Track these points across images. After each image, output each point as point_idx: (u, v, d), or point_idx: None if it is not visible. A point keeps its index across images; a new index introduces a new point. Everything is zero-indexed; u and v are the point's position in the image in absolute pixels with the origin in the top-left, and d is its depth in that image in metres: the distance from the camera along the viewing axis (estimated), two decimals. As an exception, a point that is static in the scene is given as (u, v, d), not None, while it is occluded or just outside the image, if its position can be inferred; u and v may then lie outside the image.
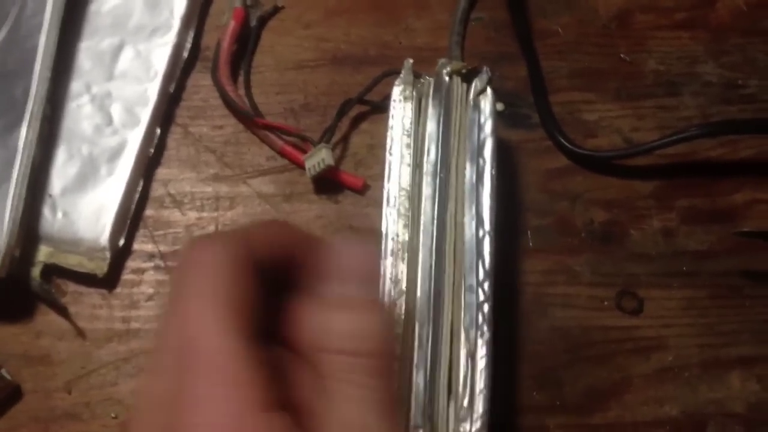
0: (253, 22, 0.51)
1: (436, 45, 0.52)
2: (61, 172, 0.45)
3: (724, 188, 0.49)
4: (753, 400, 0.44)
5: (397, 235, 0.39)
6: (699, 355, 0.45)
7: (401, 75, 0.43)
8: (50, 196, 0.45)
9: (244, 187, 0.48)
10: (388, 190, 0.41)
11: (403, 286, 0.38)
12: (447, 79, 0.43)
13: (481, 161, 0.41)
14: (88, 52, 0.48)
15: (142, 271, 0.46)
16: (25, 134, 0.43)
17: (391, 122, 0.42)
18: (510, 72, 0.51)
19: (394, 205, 0.40)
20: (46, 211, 0.44)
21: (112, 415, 0.43)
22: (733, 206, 0.49)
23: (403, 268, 0.39)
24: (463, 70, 0.43)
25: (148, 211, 0.47)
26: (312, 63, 0.51)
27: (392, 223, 0.40)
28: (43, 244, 0.44)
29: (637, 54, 0.52)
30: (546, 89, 0.51)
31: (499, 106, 0.50)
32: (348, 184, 0.48)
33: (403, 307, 0.38)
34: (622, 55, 0.52)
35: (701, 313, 0.46)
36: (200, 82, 0.50)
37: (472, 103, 0.42)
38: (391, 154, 0.41)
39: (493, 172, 0.41)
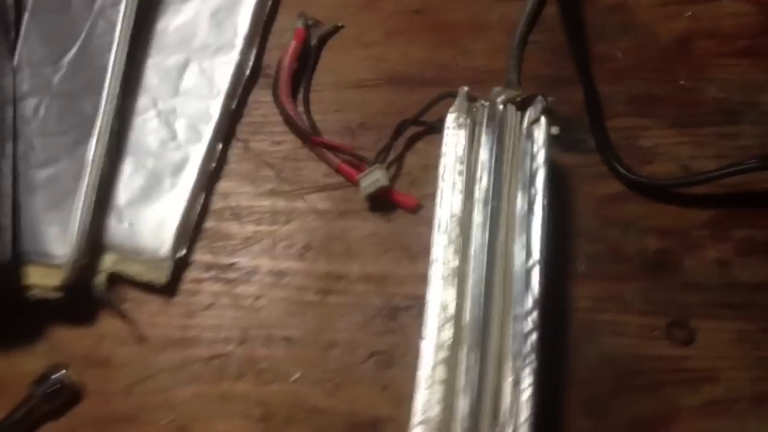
0: (314, 41, 0.52)
1: (494, 67, 0.53)
2: (127, 184, 0.47)
3: (782, 220, 0.49)
4: (804, 438, 0.44)
5: (447, 261, 0.40)
6: (750, 389, 0.45)
7: (456, 102, 0.43)
8: (116, 206, 0.46)
9: (301, 203, 0.49)
10: (440, 216, 0.41)
11: (452, 311, 0.39)
12: (501, 107, 0.43)
13: (532, 191, 0.41)
14: (155, 69, 0.49)
15: (200, 281, 0.47)
16: (94, 148, 0.45)
17: (444, 149, 0.43)
18: (567, 96, 0.51)
19: (445, 231, 0.41)
20: (112, 222, 0.46)
21: (168, 419, 0.45)
22: (790, 239, 0.48)
23: (452, 293, 0.39)
24: (518, 99, 0.44)
25: (208, 223, 0.49)
26: (370, 82, 0.52)
27: (442, 249, 0.40)
28: (108, 252, 0.46)
29: (696, 81, 0.52)
30: (602, 114, 0.51)
31: (554, 130, 0.50)
32: (401, 204, 0.49)
33: (451, 332, 0.39)
34: (681, 82, 0.52)
35: (754, 346, 0.46)
36: (261, 98, 0.51)
37: (525, 131, 0.43)
38: (443, 180, 0.42)
39: (545, 203, 0.41)
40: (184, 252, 0.47)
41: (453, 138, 0.43)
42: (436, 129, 0.49)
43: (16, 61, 0.47)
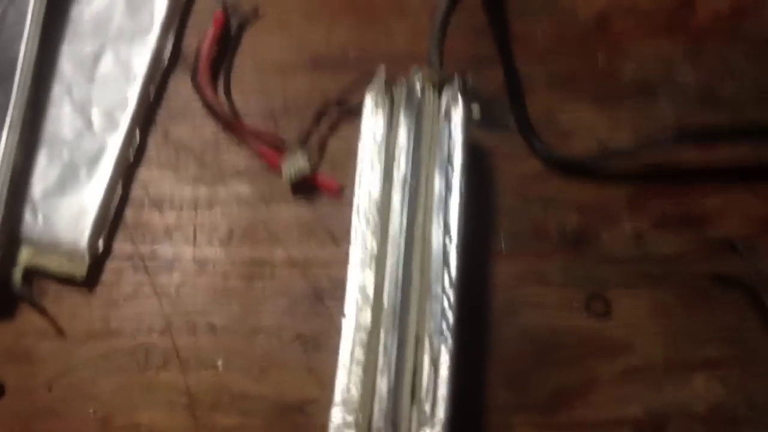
0: (234, 26, 0.52)
1: (416, 49, 0.53)
2: (42, 176, 0.46)
3: (696, 193, 0.50)
4: (715, 401, 0.45)
5: (366, 244, 0.40)
6: (664, 357, 0.46)
7: (374, 83, 0.44)
8: (31, 199, 0.46)
9: (223, 189, 0.49)
10: (359, 199, 0.41)
11: (370, 294, 0.39)
12: (419, 88, 0.44)
13: (450, 172, 0.42)
14: (69, 57, 0.48)
15: (121, 271, 0.47)
16: (5, 140, 0.44)
17: (362, 131, 0.43)
18: (488, 76, 0.52)
19: (364, 215, 0.41)
20: (28, 215, 0.46)
21: (91, 411, 0.45)
22: (704, 211, 0.49)
23: (370, 276, 0.40)
24: (436, 80, 0.44)
25: (128, 213, 0.48)
26: (291, 66, 0.52)
27: (361, 233, 0.41)
28: (25, 246, 0.45)
29: (614, 58, 0.53)
30: (522, 93, 0.52)
31: (476, 110, 0.51)
32: (324, 187, 0.49)
33: (370, 315, 0.39)
34: (599, 60, 0.53)
35: (668, 316, 0.47)
36: (181, 84, 0.51)
37: (443, 112, 0.43)
38: (362, 162, 0.42)
39: (462, 183, 0.42)
40: (102, 243, 0.46)
41: (371, 119, 0.43)
42: (358, 112, 0.49)
43: (-77, 52, 0.46)
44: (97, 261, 0.46)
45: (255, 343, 0.46)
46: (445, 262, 0.40)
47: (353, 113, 0.50)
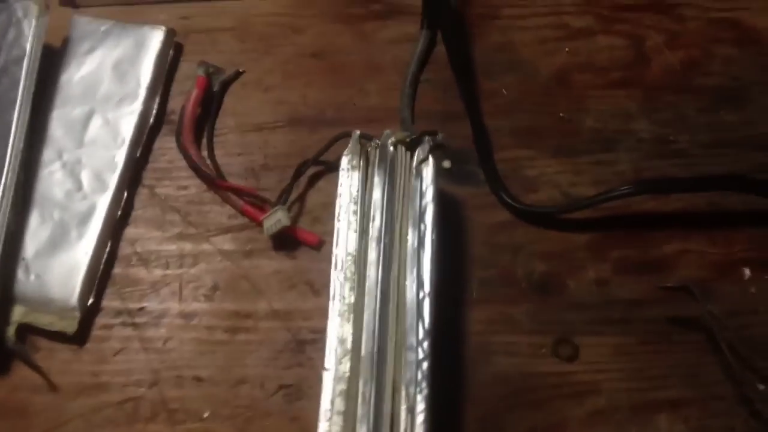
0: (216, 87, 0.54)
1: (388, 105, 0.56)
2: (34, 236, 0.48)
3: (655, 240, 0.53)
4: (678, 440, 0.48)
5: (344, 298, 0.43)
6: (629, 399, 0.49)
7: (349, 146, 0.46)
8: (24, 259, 0.48)
9: (207, 245, 0.51)
10: (336, 254, 0.44)
11: (349, 345, 0.42)
12: (392, 148, 0.46)
13: (422, 227, 0.44)
14: (59, 121, 0.51)
15: (110, 327, 0.49)
16: (0, 203, 0.46)
17: (339, 190, 0.45)
18: (457, 130, 0.55)
19: (342, 269, 0.44)
20: (20, 274, 0.48)
21: (83, 463, 0.46)
22: (662, 257, 0.52)
23: (349, 328, 0.42)
24: (407, 139, 0.47)
25: (117, 270, 0.50)
26: (271, 125, 0.55)
27: (339, 286, 0.43)
28: (18, 304, 0.47)
29: (575, 112, 0.56)
30: (490, 147, 0.55)
31: (446, 164, 0.54)
32: (304, 241, 0.51)
33: (348, 365, 0.41)
34: (561, 114, 0.56)
35: (632, 359, 0.50)
36: (166, 144, 0.54)
37: (414, 171, 0.46)
38: (339, 220, 0.45)
39: (434, 237, 0.44)
40: (92, 300, 0.48)
41: (347, 179, 0.46)
42: (335, 168, 0.52)
43: None
44: (87, 317, 0.48)
45: (240, 394, 0.48)
46: (419, 313, 0.43)
47: (330, 169, 0.53)
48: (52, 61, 0.52)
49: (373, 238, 0.44)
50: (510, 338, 0.50)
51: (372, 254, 0.44)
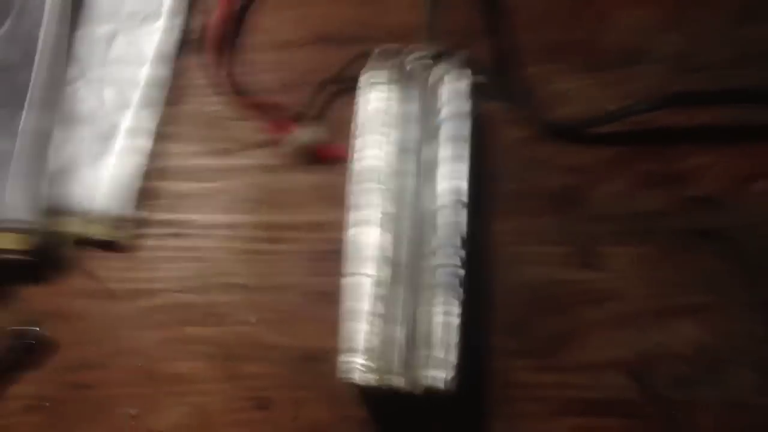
0: (240, 5, 0.55)
1: (413, 22, 0.56)
2: (83, 151, 0.51)
3: (679, 153, 0.54)
4: (698, 343, 0.50)
5: (381, 208, 0.45)
6: (651, 305, 0.51)
7: (368, 64, 0.47)
8: (74, 173, 0.50)
9: (240, 160, 0.53)
10: (371, 167, 0.46)
11: (389, 253, 0.44)
12: (415, 64, 0.47)
13: (454, 139, 0.46)
14: (84, 40, 0.52)
15: (160, 236, 0.52)
16: (37, 119, 0.48)
17: (369, 105, 0.47)
18: (482, 47, 0.56)
19: (377, 180, 0.45)
20: (74, 188, 0.50)
21: (138, 363, 0.50)
22: (686, 170, 0.54)
23: (388, 237, 0.45)
24: (431, 55, 0.48)
25: (164, 183, 0.53)
26: (296, 42, 0.56)
27: (376, 197, 0.45)
28: (72, 216, 0.50)
29: (601, 27, 0.57)
30: (517, 62, 0.56)
31: (475, 79, 0.55)
32: (332, 155, 0.53)
33: (389, 272, 0.44)
34: (588, 28, 0.57)
35: (654, 267, 0.52)
36: (190, 63, 0.55)
37: (444, 85, 0.47)
38: (371, 133, 0.46)
39: (467, 149, 0.46)
40: (143, 211, 0.51)
41: (375, 93, 0.47)
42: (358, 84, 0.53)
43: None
44: (139, 228, 0.51)
45: (282, 300, 0.51)
46: (455, 221, 0.45)
47: (355, 86, 0.54)
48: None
49: (407, 151, 0.46)
50: (536, 248, 0.52)
51: (407, 166, 0.46)
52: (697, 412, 0.49)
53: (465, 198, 0.45)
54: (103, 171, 0.50)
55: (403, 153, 0.46)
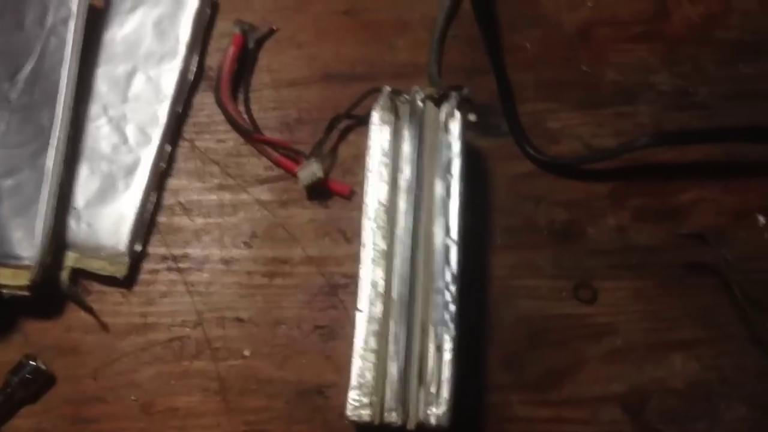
0: (251, 45, 0.57)
1: (417, 61, 0.58)
2: (84, 187, 0.52)
3: (673, 189, 0.55)
4: (692, 377, 0.51)
5: (376, 245, 0.46)
6: (645, 339, 0.52)
7: (379, 101, 0.49)
8: (75, 209, 0.51)
9: (245, 195, 0.54)
10: (368, 204, 0.47)
11: (381, 289, 0.45)
12: (420, 103, 0.49)
13: (449, 177, 0.47)
14: (104, 78, 0.54)
15: (156, 272, 0.53)
16: (53, 157, 0.49)
17: (370, 143, 0.48)
18: (483, 84, 0.57)
19: (374, 218, 0.46)
20: (72, 223, 0.51)
21: (133, 397, 0.50)
22: (679, 205, 0.54)
23: (380, 273, 0.45)
24: (435, 95, 0.49)
25: (161, 219, 0.54)
26: (305, 80, 0.57)
27: (371, 234, 0.46)
28: (71, 251, 0.51)
29: (597, 65, 0.58)
30: (514, 100, 0.57)
31: (472, 117, 0.56)
32: (337, 191, 0.54)
33: (381, 308, 0.44)
34: (584, 67, 0.58)
35: (648, 301, 0.52)
36: (205, 100, 0.56)
37: (442, 125, 0.48)
38: (370, 171, 0.47)
39: (461, 188, 0.47)
40: (140, 246, 0.52)
41: (377, 133, 0.48)
42: (366, 122, 0.54)
43: (-27, 79, 0.51)
44: (135, 263, 0.52)
45: (278, 334, 0.51)
46: (447, 258, 0.46)
47: (361, 123, 0.55)
48: (95, 21, 0.54)
49: (403, 189, 0.47)
50: (532, 282, 0.53)
51: (402, 204, 0.47)
52: (691, 448, 0.49)
53: (456, 235, 0.46)
54: (121, 206, 0.51)
55: (402, 191, 0.47)
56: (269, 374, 0.51)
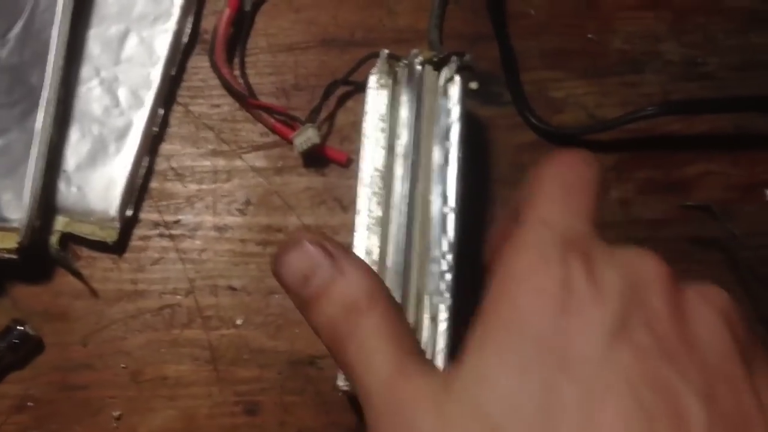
0: (248, 7, 0.55)
1: (417, 27, 0.56)
2: (74, 150, 0.50)
3: (679, 161, 0.53)
4: (694, 354, 0.49)
5: (371, 211, 0.44)
6: (647, 314, 0.50)
7: (376, 65, 0.47)
8: (65, 171, 0.50)
9: (240, 162, 0.53)
10: (364, 170, 0.45)
11: (376, 257, 0.44)
12: (419, 67, 0.47)
13: (448, 144, 0.46)
14: (96, 40, 0.52)
15: (148, 238, 0.51)
16: (42, 118, 0.48)
17: (366, 108, 0.46)
18: (485, 52, 0.55)
19: (369, 184, 0.45)
20: (62, 186, 0.50)
21: (122, 365, 0.49)
22: (686, 178, 0.53)
23: (375, 241, 0.44)
24: (434, 59, 0.48)
25: (153, 184, 0.52)
26: (302, 45, 0.56)
27: (366, 200, 0.45)
28: (60, 214, 0.50)
29: (603, 34, 0.56)
30: (517, 68, 0.55)
31: (473, 85, 0.54)
32: (333, 159, 0.53)
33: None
34: (589, 35, 0.56)
35: (652, 276, 0.51)
36: (199, 64, 0.55)
37: (441, 90, 0.47)
38: (366, 137, 0.46)
39: (459, 155, 0.45)
40: (131, 211, 0.50)
41: (374, 98, 0.47)
42: (363, 88, 0.53)
43: (-39, 37, 0.49)
44: (126, 228, 0.51)
45: (271, 303, 0.50)
46: (443, 227, 0.44)
47: (359, 89, 0.54)
48: (87, -20, 0.53)
49: (400, 155, 0.46)
50: (532, 255, 0.51)
51: (399, 170, 0.45)
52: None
53: (454, 203, 0.44)
54: (112, 170, 0.50)
55: (399, 157, 0.45)
56: (261, 344, 0.50)
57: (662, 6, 0.57)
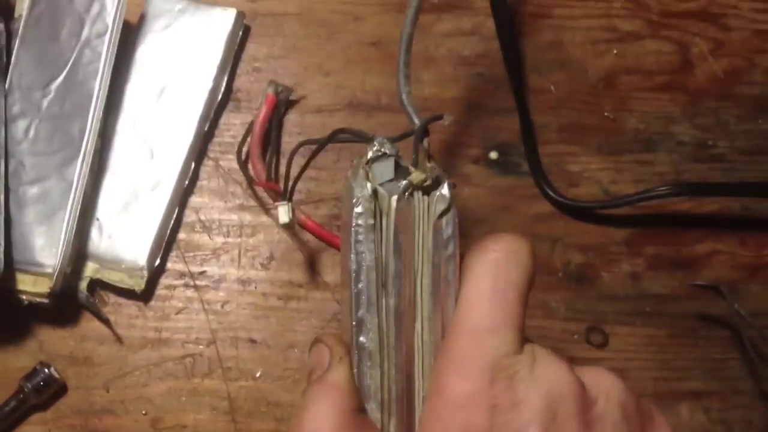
0: (282, 108, 0.56)
1: (442, 96, 0.58)
2: (108, 199, 0.52)
3: (688, 239, 0.55)
4: (698, 430, 0.51)
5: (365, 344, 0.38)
6: (654, 387, 0.52)
7: (365, 205, 0.37)
8: (98, 220, 0.51)
9: (265, 218, 0.55)
10: (361, 318, 0.37)
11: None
12: (409, 196, 0.38)
13: (444, 277, 0.38)
14: (134, 93, 0.54)
15: (173, 287, 0.53)
16: (79, 168, 0.50)
17: (354, 251, 0.37)
18: (505, 123, 0.58)
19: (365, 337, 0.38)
20: (94, 233, 0.51)
21: (143, 412, 0.50)
22: (694, 256, 0.55)
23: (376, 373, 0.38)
24: (425, 183, 0.39)
25: (181, 235, 0.54)
26: (330, 108, 0.58)
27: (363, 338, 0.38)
28: (90, 261, 0.51)
29: (619, 112, 0.59)
30: (536, 141, 0.57)
31: (493, 155, 0.57)
32: (312, 232, 0.55)
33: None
34: (606, 113, 0.59)
35: (659, 350, 0.53)
36: (231, 120, 0.57)
37: (434, 222, 0.38)
38: (360, 282, 0.38)
39: (456, 288, 0.38)
40: (159, 261, 0.52)
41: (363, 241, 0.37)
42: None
43: (7, 85, 0.51)
44: (153, 277, 0.52)
45: (289, 357, 0.51)
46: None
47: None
48: (129, 37, 0.55)
49: (392, 294, 0.38)
50: (545, 323, 0.53)
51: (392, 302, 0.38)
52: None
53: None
54: (144, 220, 0.52)
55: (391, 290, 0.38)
56: (278, 397, 0.51)
57: (677, 89, 0.59)
